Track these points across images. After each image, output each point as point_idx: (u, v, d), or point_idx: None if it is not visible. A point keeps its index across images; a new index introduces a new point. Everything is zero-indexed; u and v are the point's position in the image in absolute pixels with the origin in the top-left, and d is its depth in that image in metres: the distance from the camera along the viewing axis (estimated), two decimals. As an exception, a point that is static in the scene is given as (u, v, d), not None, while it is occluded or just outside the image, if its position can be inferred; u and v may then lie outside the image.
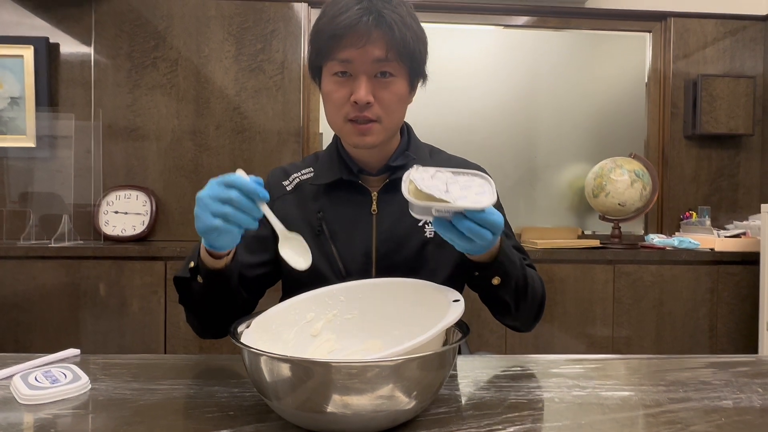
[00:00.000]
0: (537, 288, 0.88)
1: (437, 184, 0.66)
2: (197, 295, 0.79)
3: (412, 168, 0.68)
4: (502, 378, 0.74)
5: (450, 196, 0.64)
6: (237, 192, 0.64)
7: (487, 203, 0.65)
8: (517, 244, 0.95)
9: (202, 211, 0.65)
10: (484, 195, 0.66)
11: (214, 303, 0.79)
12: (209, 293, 0.78)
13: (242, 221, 0.65)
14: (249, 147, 2.21)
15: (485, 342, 1.92)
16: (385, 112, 0.83)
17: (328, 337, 0.73)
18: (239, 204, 0.65)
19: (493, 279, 0.78)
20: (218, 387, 0.69)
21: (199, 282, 0.77)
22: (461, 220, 0.65)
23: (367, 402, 0.52)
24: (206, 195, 0.65)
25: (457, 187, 0.66)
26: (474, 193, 0.66)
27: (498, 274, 0.78)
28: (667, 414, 0.62)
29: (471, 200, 0.65)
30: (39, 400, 0.63)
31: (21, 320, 1.84)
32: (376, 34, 0.79)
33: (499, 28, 2.35)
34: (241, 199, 0.64)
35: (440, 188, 0.65)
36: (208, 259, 0.75)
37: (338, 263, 0.87)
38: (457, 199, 0.64)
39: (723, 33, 2.33)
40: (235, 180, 0.65)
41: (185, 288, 0.81)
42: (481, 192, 0.67)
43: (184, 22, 2.18)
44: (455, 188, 0.66)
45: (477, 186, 0.68)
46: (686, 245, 2.05)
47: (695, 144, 2.34)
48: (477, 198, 0.65)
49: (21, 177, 2.15)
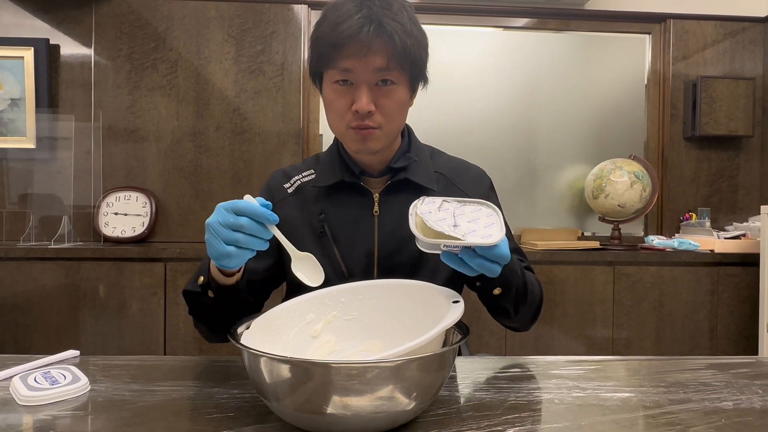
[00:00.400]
0: (536, 292, 0.89)
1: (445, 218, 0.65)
2: (208, 307, 0.80)
3: (417, 200, 0.67)
4: (501, 379, 0.74)
5: (459, 231, 0.63)
6: (247, 219, 0.65)
7: (497, 239, 0.63)
8: (515, 245, 0.95)
9: (213, 238, 0.65)
10: (492, 227, 0.65)
11: (224, 313, 0.80)
12: (220, 305, 0.79)
13: (254, 245, 0.66)
14: (249, 148, 2.21)
15: (485, 343, 1.91)
16: (386, 119, 0.83)
17: (328, 338, 0.72)
18: (250, 230, 0.65)
19: (495, 290, 0.79)
20: (218, 388, 0.69)
21: (210, 296, 0.78)
22: (472, 257, 0.64)
23: (367, 403, 0.52)
24: (216, 222, 0.65)
25: (464, 219, 0.66)
26: (482, 226, 0.65)
27: (499, 285, 0.79)
28: (668, 415, 0.62)
29: (480, 234, 0.64)
30: (38, 401, 0.63)
31: (20, 321, 1.84)
32: (377, 44, 0.78)
33: (499, 30, 2.36)
34: (252, 225, 0.65)
35: (448, 222, 0.64)
36: (219, 276, 0.76)
37: (341, 265, 0.87)
38: (466, 234, 0.63)
39: (722, 35, 2.34)
40: (245, 207, 0.65)
41: (196, 302, 0.82)
42: (489, 224, 0.66)
43: (184, 24, 2.18)
44: (463, 221, 0.65)
45: (485, 217, 0.67)
46: (686, 247, 2.05)
47: (695, 145, 2.34)
48: (486, 231, 0.64)
49: (21, 178, 2.15)
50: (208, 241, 0.67)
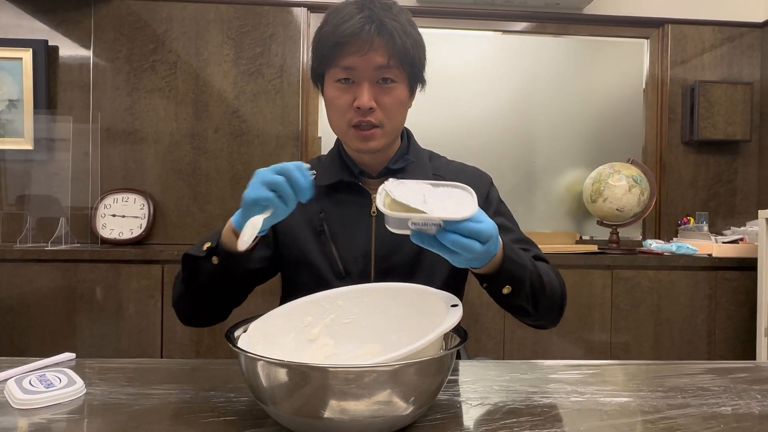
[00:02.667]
0: (554, 283, 0.85)
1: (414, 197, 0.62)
2: (205, 276, 0.79)
3: (386, 181, 0.66)
4: (500, 383, 0.73)
5: (427, 208, 0.60)
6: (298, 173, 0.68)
7: (468, 213, 0.61)
8: (521, 236, 0.93)
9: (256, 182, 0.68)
10: (464, 205, 0.63)
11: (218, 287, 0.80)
12: (219, 276, 0.78)
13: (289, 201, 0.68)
14: (247, 150, 2.21)
15: (483, 347, 1.91)
16: (386, 116, 0.85)
17: (325, 342, 0.72)
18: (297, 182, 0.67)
19: (503, 288, 0.75)
20: (214, 392, 0.68)
21: (213, 263, 0.77)
22: (444, 234, 0.62)
23: (365, 407, 0.52)
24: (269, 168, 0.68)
25: (435, 199, 0.63)
26: (454, 204, 0.62)
27: (508, 283, 0.75)
28: (666, 420, 0.61)
29: (451, 211, 0.61)
30: (33, 404, 0.62)
31: (16, 324, 1.83)
32: (378, 42, 0.81)
33: (498, 34, 2.36)
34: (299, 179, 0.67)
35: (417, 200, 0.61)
36: (231, 241, 0.75)
37: (338, 263, 0.88)
38: (435, 210, 0.60)
39: (720, 40, 2.35)
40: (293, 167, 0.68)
41: (193, 267, 0.81)
42: (461, 203, 0.63)
43: (184, 26, 2.18)
44: (433, 200, 0.62)
45: (457, 197, 0.64)
46: (684, 251, 2.05)
47: (693, 150, 2.35)
48: (457, 208, 0.62)
49: (18, 180, 2.14)
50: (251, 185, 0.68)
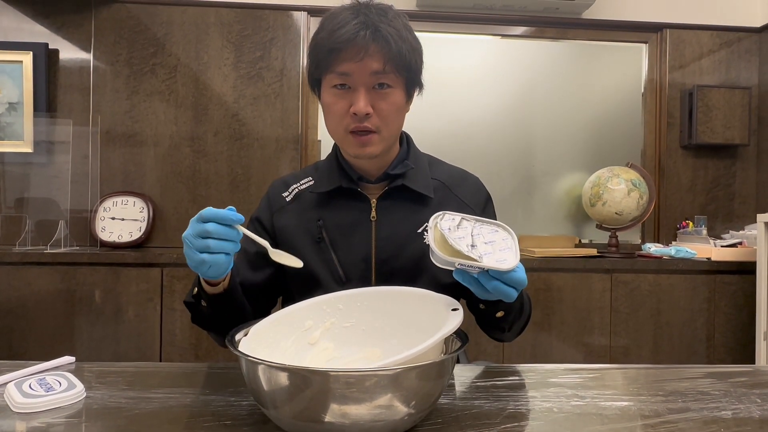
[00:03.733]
0: (527, 308, 0.90)
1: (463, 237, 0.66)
2: (207, 316, 0.83)
3: (437, 214, 0.69)
4: (500, 387, 0.73)
5: (476, 252, 0.64)
6: (213, 224, 0.67)
7: (513, 264, 0.64)
8: None
9: (187, 249, 0.69)
10: (507, 251, 0.66)
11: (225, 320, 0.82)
12: (217, 314, 0.82)
13: (225, 248, 0.68)
14: (247, 154, 2.21)
15: (482, 351, 1.91)
16: (383, 122, 0.85)
17: (326, 346, 0.72)
18: (218, 234, 0.67)
19: (498, 313, 0.80)
20: (214, 396, 0.68)
21: (205, 306, 0.81)
22: (488, 280, 0.65)
23: (366, 411, 0.52)
24: (189, 234, 0.68)
25: (481, 240, 0.66)
26: (498, 249, 0.66)
27: (503, 309, 0.80)
28: (667, 425, 0.61)
29: (495, 258, 0.64)
30: (33, 408, 0.62)
31: (15, 327, 1.83)
32: (373, 48, 0.81)
33: (497, 38, 2.37)
34: (218, 229, 0.67)
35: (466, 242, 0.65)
36: (206, 287, 0.79)
37: (338, 270, 0.88)
38: (483, 256, 0.64)
39: (718, 44, 2.36)
40: (207, 213, 0.68)
41: (194, 310, 0.85)
42: (505, 247, 0.66)
43: (184, 29, 2.19)
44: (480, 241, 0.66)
45: (501, 240, 0.67)
46: (683, 255, 2.05)
47: (691, 154, 2.35)
48: (501, 255, 0.65)
49: (17, 182, 2.14)
50: (185, 253, 0.70)
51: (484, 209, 0.96)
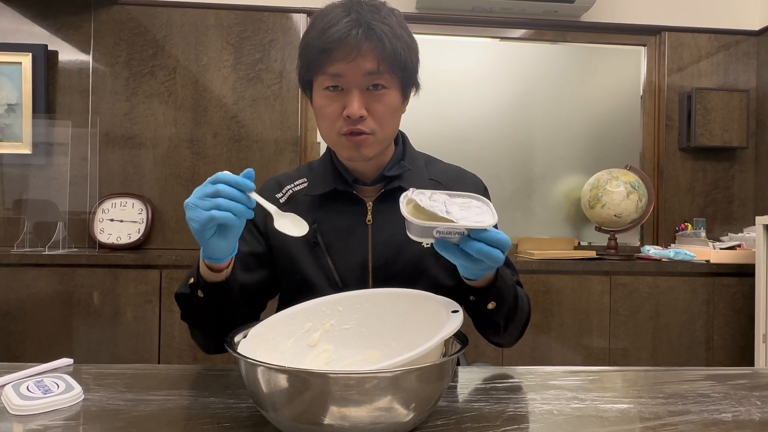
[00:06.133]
0: (525, 308, 0.88)
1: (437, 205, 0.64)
2: (199, 310, 0.78)
3: (408, 190, 0.67)
4: (500, 390, 0.73)
5: (452, 217, 0.62)
6: (223, 184, 0.65)
7: (491, 221, 0.63)
8: (508, 259, 0.94)
9: (192, 211, 0.64)
10: (485, 214, 0.65)
11: (216, 317, 0.78)
12: (211, 307, 0.77)
13: (236, 209, 0.65)
14: (246, 155, 2.21)
15: (482, 353, 1.91)
16: (378, 124, 0.82)
17: (325, 348, 0.72)
18: (228, 193, 0.64)
19: (489, 304, 0.78)
20: (213, 398, 0.68)
21: (200, 297, 0.76)
22: (469, 242, 0.63)
23: (365, 414, 0.52)
24: (193, 196, 0.65)
25: (456, 207, 0.65)
26: (474, 214, 0.64)
27: (494, 299, 0.78)
28: (667, 427, 0.61)
29: (473, 220, 0.63)
30: (30, 410, 0.62)
31: (13, 329, 1.82)
32: (366, 47, 0.77)
33: (495, 41, 2.37)
34: (228, 189, 0.64)
35: (441, 209, 0.63)
36: (207, 273, 0.75)
37: (334, 275, 0.86)
38: (460, 220, 0.62)
39: (716, 47, 2.36)
40: (219, 176, 0.66)
41: (187, 304, 0.81)
42: (480, 212, 0.65)
43: (183, 31, 2.19)
44: (455, 209, 0.64)
45: (475, 207, 0.66)
46: (682, 257, 2.05)
47: (690, 156, 2.36)
48: (479, 217, 0.64)
49: (16, 184, 2.13)
50: (189, 218, 0.65)
51: None
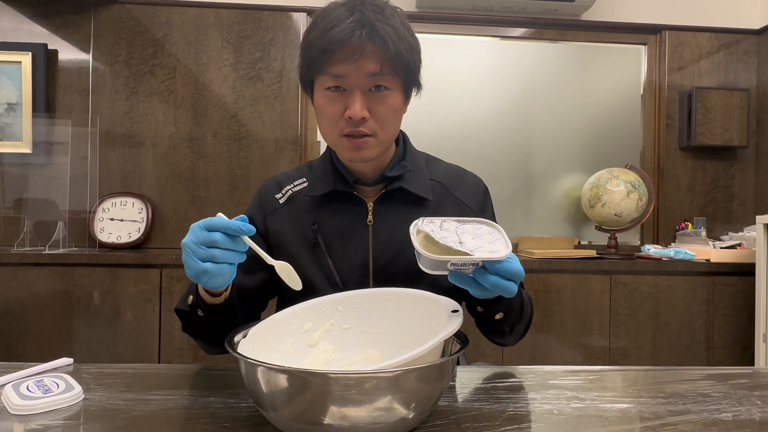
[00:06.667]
0: (528, 310, 0.88)
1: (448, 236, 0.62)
2: (200, 325, 0.80)
3: (417, 220, 0.66)
4: (500, 389, 0.73)
5: (466, 248, 0.60)
6: (220, 234, 0.64)
7: (506, 252, 0.61)
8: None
9: (189, 257, 0.64)
10: (497, 243, 0.62)
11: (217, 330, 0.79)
12: (211, 323, 0.78)
13: (230, 259, 0.65)
14: (246, 155, 2.21)
15: (482, 353, 1.91)
16: (380, 126, 0.81)
17: (325, 348, 0.72)
18: (224, 244, 0.64)
19: (497, 315, 0.78)
20: (213, 397, 0.68)
21: (200, 315, 0.77)
22: (484, 275, 0.62)
23: (365, 414, 0.52)
24: (190, 241, 0.64)
25: (468, 237, 0.63)
26: (488, 242, 0.62)
27: (502, 311, 0.77)
28: (667, 427, 0.61)
29: (488, 249, 0.61)
30: (30, 410, 0.62)
31: (13, 328, 1.82)
32: (369, 48, 0.77)
33: (495, 40, 2.37)
34: (225, 240, 0.64)
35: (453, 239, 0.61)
36: (206, 296, 0.76)
37: (335, 276, 0.86)
38: (474, 251, 0.60)
39: (717, 46, 2.36)
40: (217, 222, 0.64)
41: (187, 319, 0.82)
42: (493, 240, 0.63)
43: (183, 30, 2.19)
44: (467, 238, 0.62)
45: (487, 234, 0.64)
46: (682, 256, 2.05)
47: (690, 155, 2.36)
48: (491, 247, 0.62)
49: (16, 183, 2.13)
50: (185, 261, 0.65)
51: (483, 207, 0.94)
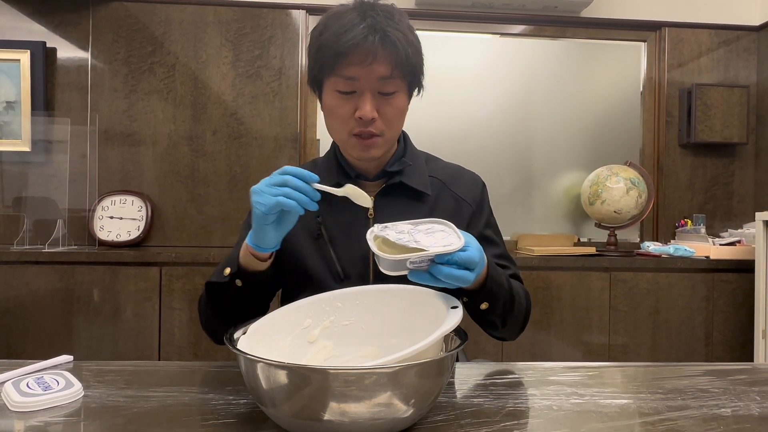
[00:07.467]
0: (522, 302, 0.90)
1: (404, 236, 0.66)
2: (230, 299, 0.83)
3: (373, 227, 0.70)
4: (500, 385, 0.73)
5: (421, 245, 0.64)
6: (291, 176, 0.71)
7: (459, 244, 0.65)
8: (504, 252, 0.97)
9: (260, 195, 0.71)
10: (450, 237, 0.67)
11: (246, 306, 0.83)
12: (244, 296, 0.82)
13: (302, 199, 0.71)
14: (245, 153, 2.20)
15: (482, 349, 1.91)
16: (387, 126, 0.86)
17: (325, 344, 0.72)
18: (295, 184, 0.71)
19: (482, 304, 0.80)
20: (213, 394, 0.68)
21: (238, 285, 0.81)
22: (438, 269, 0.65)
23: (365, 410, 0.52)
24: (263, 183, 0.72)
25: (422, 235, 0.67)
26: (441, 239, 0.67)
27: (486, 300, 0.80)
28: (666, 422, 0.61)
29: (441, 245, 0.65)
30: (30, 407, 0.62)
31: (13, 326, 1.82)
32: (381, 53, 0.80)
33: (495, 37, 2.37)
34: (296, 180, 0.71)
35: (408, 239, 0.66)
36: (250, 261, 0.79)
37: (336, 266, 0.88)
38: (429, 247, 0.64)
39: (717, 43, 2.36)
40: (287, 168, 0.73)
41: (218, 292, 0.84)
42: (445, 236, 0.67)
43: (182, 28, 2.18)
44: (421, 237, 0.67)
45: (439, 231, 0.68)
46: (682, 253, 2.05)
47: (690, 152, 2.36)
48: (445, 241, 0.66)
49: (15, 181, 2.13)
50: (255, 202, 0.71)
51: (480, 203, 0.97)
